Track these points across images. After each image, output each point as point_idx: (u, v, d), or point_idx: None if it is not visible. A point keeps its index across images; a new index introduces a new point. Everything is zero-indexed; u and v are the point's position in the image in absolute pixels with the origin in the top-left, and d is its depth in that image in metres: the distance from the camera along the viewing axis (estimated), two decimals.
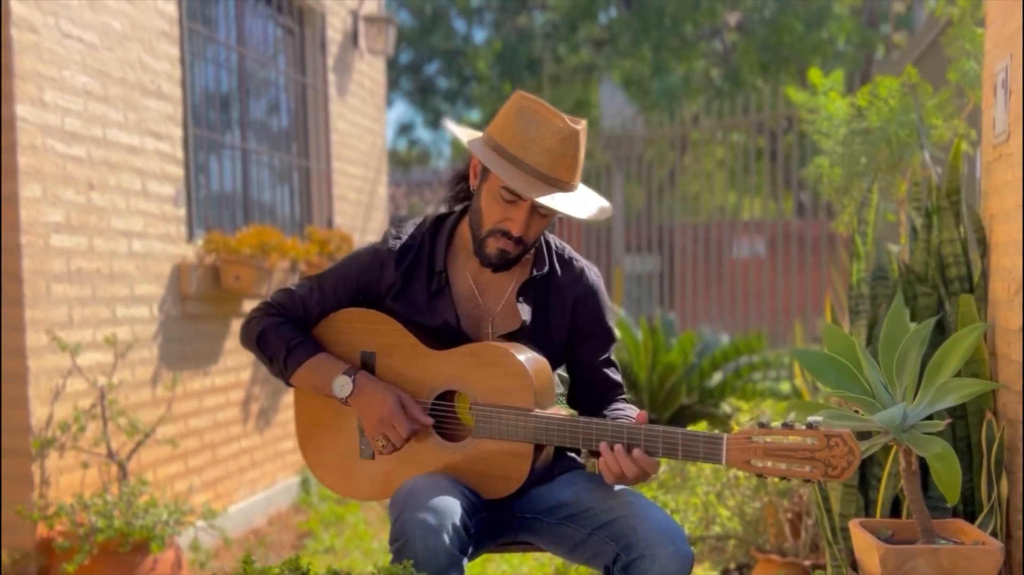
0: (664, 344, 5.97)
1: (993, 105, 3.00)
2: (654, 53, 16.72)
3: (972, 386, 2.23)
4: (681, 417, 6.01)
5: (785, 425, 1.94)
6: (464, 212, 2.34)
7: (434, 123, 22.08)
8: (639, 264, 10.59)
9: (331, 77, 6.15)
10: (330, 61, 6.14)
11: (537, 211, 2.18)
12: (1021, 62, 2.70)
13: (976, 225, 3.09)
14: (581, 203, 2.20)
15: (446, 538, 1.93)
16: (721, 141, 9.47)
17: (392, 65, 18.16)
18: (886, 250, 3.13)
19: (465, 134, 2.30)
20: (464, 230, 2.32)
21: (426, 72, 20.99)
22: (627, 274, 10.55)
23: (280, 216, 5.76)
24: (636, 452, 2.03)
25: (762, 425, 1.95)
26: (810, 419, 1.92)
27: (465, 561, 2.00)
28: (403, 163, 15.06)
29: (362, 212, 6.72)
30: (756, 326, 8.60)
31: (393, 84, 20.32)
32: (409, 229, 2.34)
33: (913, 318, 3.03)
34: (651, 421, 5.23)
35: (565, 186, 2.18)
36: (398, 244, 2.30)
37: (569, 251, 2.39)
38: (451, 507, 1.98)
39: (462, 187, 2.39)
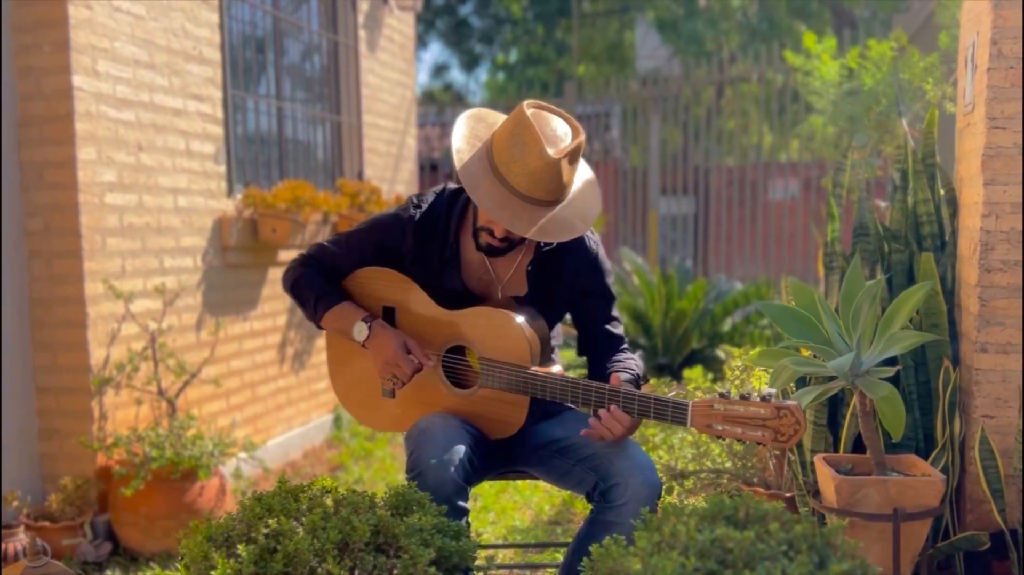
0: (677, 291, 6.19)
1: (964, 76, 3.22)
2: None
3: (913, 337, 2.50)
4: (691, 360, 6.19)
5: (743, 396, 2.17)
6: None
7: (468, 65, 22.16)
8: (674, 206, 10.57)
9: (361, 34, 6.35)
10: (360, 18, 6.33)
11: None
12: (986, 40, 2.92)
13: (948, 187, 3.32)
14: (561, 217, 2.31)
15: (452, 471, 2.25)
16: (757, 81, 9.30)
17: (427, 6, 18.17)
18: (868, 208, 3.35)
19: (469, 123, 2.44)
20: None
21: (460, 13, 21.03)
22: (662, 216, 10.52)
23: (313, 169, 5.99)
24: (616, 413, 2.26)
25: (723, 395, 2.19)
26: (764, 392, 2.16)
27: (469, 489, 2.32)
28: (437, 103, 15.28)
29: (391, 163, 6.93)
30: (790, 269, 8.63)
31: (428, 25, 20.36)
32: (429, 198, 2.56)
33: (887, 272, 3.29)
34: (662, 366, 5.49)
35: (546, 204, 2.30)
36: (418, 213, 2.53)
37: None
38: (457, 446, 2.30)
39: None
